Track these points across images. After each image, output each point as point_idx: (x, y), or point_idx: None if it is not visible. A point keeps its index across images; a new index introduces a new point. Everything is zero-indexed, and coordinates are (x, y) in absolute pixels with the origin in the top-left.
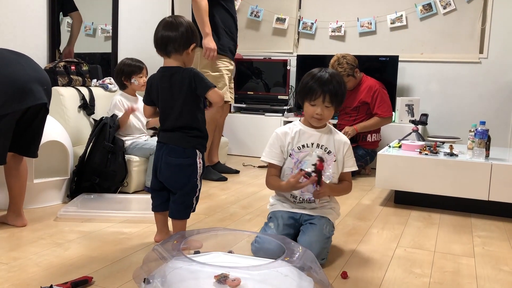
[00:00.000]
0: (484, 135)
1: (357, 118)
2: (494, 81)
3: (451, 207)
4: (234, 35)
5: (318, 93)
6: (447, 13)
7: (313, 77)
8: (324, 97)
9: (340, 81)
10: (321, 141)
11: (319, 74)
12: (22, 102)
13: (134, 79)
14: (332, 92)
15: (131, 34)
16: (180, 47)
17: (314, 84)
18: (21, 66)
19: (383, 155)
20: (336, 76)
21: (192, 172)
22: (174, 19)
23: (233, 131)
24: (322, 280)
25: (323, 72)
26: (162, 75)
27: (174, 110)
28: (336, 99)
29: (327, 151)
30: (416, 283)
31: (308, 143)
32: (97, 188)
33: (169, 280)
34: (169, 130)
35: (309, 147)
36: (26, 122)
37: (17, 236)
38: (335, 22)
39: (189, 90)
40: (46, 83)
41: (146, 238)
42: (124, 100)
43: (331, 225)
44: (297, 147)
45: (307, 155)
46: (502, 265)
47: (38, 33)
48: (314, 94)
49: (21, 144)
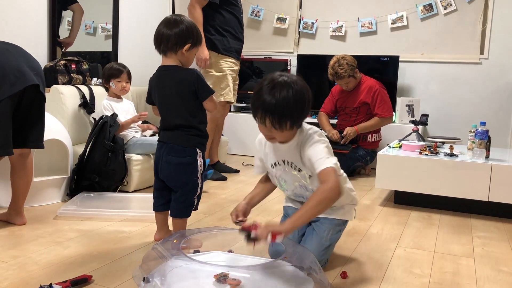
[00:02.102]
0: (484, 135)
1: (357, 118)
2: (495, 81)
3: (451, 207)
4: (240, 34)
5: (257, 113)
6: (448, 13)
7: (257, 91)
8: (263, 119)
9: (293, 93)
10: (287, 157)
11: (263, 85)
12: (14, 86)
13: (112, 82)
14: (274, 112)
15: (131, 32)
16: (174, 45)
17: (255, 101)
18: (9, 53)
19: (383, 155)
20: (287, 86)
21: (192, 171)
22: (175, 18)
23: (233, 131)
24: (321, 280)
25: (266, 83)
26: (160, 74)
27: (174, 109)
28: (281, 120)
29: (297, 168)
30: (415, 283)
31: (279, 161)
32: (96, 187)
33: (168, 279)
34: (169, 129)
35: (281, 165)
36: (24, 112)
37: (16, 234)
38: (335, 22)
39: (190, 91)
40: (36, 69)
41: (145, 237)
42: (111, 103)
43: (337, 225)
44: (270, 164)
45: (282, 174)
46: (501, 266)
47: (38, 32)
48: (254, 113)
49: (22, 135)
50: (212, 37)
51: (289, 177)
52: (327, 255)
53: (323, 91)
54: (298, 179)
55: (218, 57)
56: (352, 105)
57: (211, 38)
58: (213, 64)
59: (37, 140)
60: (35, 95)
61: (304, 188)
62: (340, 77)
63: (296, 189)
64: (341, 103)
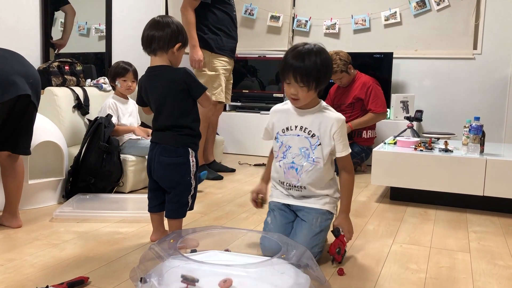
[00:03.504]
0: (478, 130)
1: (352, 114)
2: (488, 76)
3: (446, 202)
4: (233, 32)
5: (289, 70)
6: (440, 9)
7: (290, 52)
8: (295, 75)
9: (320, 59)
10: (304, 123)
11: (298, 49)
12: (4, 95)
13: (118, 81)
14: (303, 70)
15: (125, 33)
16: (165, 45)
17: (288, 60)
18: (4, 59)
19: (378, 152)
20: (315, 53)
21: (185, 171)
22: (162, 19)
23: (228, 130)
24: (318, 277)
25: (303, 47)
26: (150, 75)
27: (165, 109)
28: (308, 78)
29: (311, 134)
30: (412, 278)
31: (292, 126)
32: (92, 188)
33: (165, 279)
34: (161, 130)
35: (292, 130)
36: (15, 119)
37: (12, 237)
38: (329, 20)
39: (181, 90)
40: (33, 77)
41: (142, 238)
42: (117, 103)
43: (323, 214)
44: (281, 129)
45: (289, 140)
46: (497, 260)
47: (31, 33)
48: (286, 72)
49: (12, 141)
50: (205, 36)
51: (296, 142)
52: (319, 243)
53: None
54: (306, 144)
55: (212, 56)
56: (346, 101)
57: (204, 37)
58: (207, 63)
59: (26, 147)
60: (27, 104)
61: (306, 156)
62: (333, 72)
63: (296, 158)
64: (337, 100)
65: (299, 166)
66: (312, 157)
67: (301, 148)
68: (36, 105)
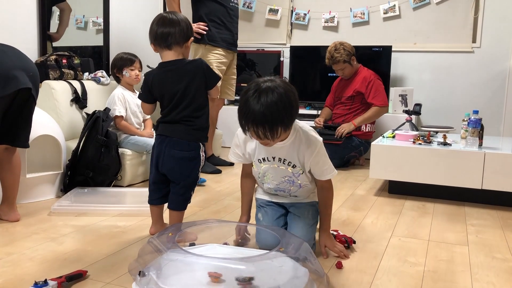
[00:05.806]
0: (477, 124)
1: (352, 107)
2: (487, 70)
3: (444, 196)
4: (228, 23)
5: (248, 127)
6: (439, 2)
7: (242, 104)
8: (256, 132)
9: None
10: (281, 155)
11: (248, 96)
12: (6, 88)
13: (126, 71)
14: (260, 123)
15: (122, 26)
16: (181, 39)
17: (242, 116)
18: (4, 53)
19: (377, 145)
20: (269, 95)
21: (195, 166)
22: (173, 15)
23: (227, 124)
24: (317, 270)
25: (251, 94)
26: (167, 69)
27: (183, 101)
28: (269, 130)
29: (291, 164)
30: (410, 272)
31: (268, 157)
32: (90, 182)
33: (164, 273)
34: (173, 122)
35: (270, 161)
36: (15, 112)
37: (10, 231)
38: (328, 13)
39: (201, 81)
40: (32, 71)
41: (141, 231)
42: (125, 94)
43: (312, 205)
44: (257, 160)
45: (269, 169)
46: (495, 253)
47: (28, 27)
48: (244, 127)
49: (11, 134)
50: None
51: (278, 172)
52: (314, 235)
53: (316, 82)
54: (288, 173)
55: (206, 50)
56: (347, 93)
57: None
58: (201, 57)
59: (24, 140)
60: (27, 98)
61: (291, 182)
62: (335, 61)
63: (281, 184)
64: (338, 93)
65: (287, 189)
66: (298, 183)
67: (284, 177)
68: (35, 99)
